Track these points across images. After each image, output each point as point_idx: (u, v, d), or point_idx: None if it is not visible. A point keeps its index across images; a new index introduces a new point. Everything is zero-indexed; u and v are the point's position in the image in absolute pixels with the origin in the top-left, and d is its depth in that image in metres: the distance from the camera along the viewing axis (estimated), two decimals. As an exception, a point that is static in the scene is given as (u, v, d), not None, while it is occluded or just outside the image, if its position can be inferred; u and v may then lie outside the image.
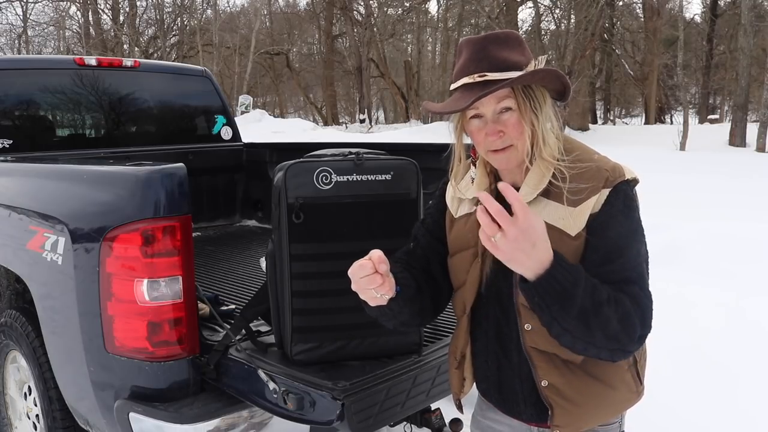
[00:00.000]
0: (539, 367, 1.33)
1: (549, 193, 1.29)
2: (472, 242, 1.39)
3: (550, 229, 1.25)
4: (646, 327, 1.23)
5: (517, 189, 1.33)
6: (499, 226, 1.04)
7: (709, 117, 26.58)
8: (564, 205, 1.27)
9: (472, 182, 1.41)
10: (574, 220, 1.26)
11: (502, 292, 1.37)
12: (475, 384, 1.52)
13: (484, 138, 1.30)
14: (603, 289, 1.18)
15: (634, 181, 1.31)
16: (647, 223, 1.32)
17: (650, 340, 1.30)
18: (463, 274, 1.42)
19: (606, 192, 1.26)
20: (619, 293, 1.20)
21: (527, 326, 1.32)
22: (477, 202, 1.38)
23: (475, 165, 1.42)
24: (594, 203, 1.25)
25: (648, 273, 1.29)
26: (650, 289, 1.28)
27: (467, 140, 1.41)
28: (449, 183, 1.49)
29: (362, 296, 1.28)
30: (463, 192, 1.44)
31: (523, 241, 1.05)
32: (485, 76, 1.27)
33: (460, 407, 1.58)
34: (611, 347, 1.20)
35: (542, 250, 1.09)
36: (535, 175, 1.31)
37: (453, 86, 1.33)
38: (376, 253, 1.24)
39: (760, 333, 3.59)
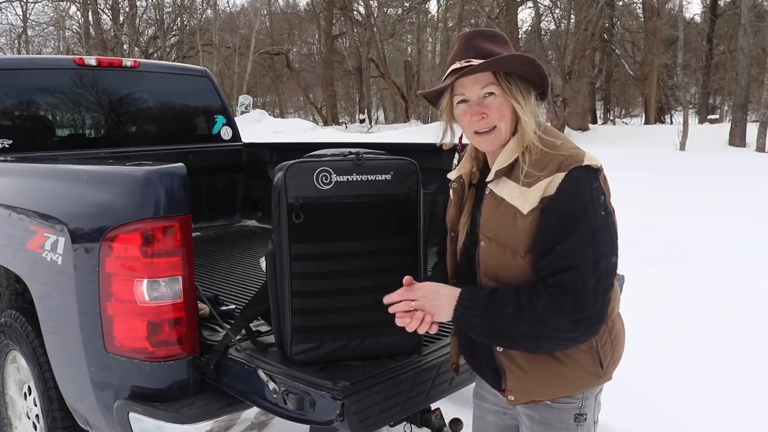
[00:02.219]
0: None
1: (511, 174, 1.43)
2: (450, 222, 1.59)
3: (507, 206, 1.42)
4: (581, 311, 1.32)
5: None
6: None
7: (709, 117, 26.57)
8: (519, 185, 1.39)
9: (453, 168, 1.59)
10: (526, 199, 1.38)
11: (472, 263, 1.50)
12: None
13: (470, 120, 1.44)
14: (514, 302, 1.35)
15: (596, 169, 1.38)
16: (648, 222, 1.32)
17: (650, 339, 1.31)
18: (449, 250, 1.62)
19: (560, 176, 1.35)
20: (542, 292, 1.33)
21: None
22: (451, 183, 1.58)
23: (459, 154, 1.59)
24: (547, 185, 1.36)
25: (603, 256, 1.34)
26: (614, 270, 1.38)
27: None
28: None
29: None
30: (450, 175, 1.61)
31: (432, 301, 1.41)
32: (470, 61, 1.42)
33: (456, 370, 1.72)
34: (553, 343, 1.38)
35: (448, 296, 1.41)
36: (503, 156, 1.44)
37: (445, 74, 1.47)
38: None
39: (761, 331, 3.60)
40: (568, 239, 1.33)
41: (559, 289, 1.32)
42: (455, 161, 1.60)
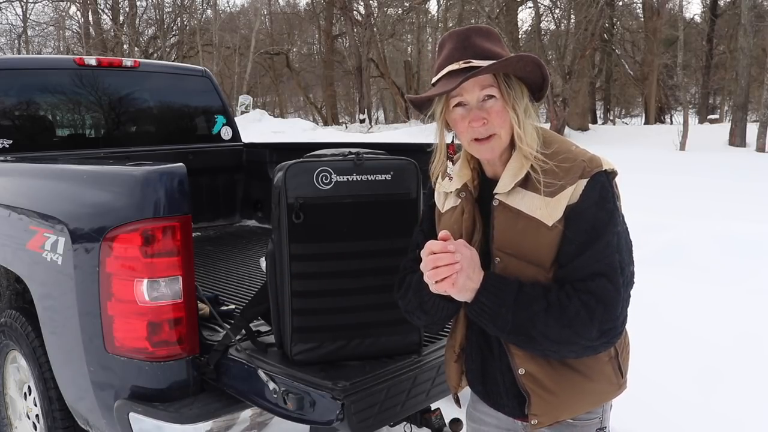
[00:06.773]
0: (516, 356, 1.35)
1: (527, 184, 1.32)
2: (457, 235, 1.40)
3: (528, 219, 1.30)
4: (610, 321, 1.25)
5: (498, 181, 1.36)
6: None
7: (709, 117, 26.55)
8: (541, 195, 1.29)
9: (450, 180, 1.44)
10: (550, 210, 1.28)
11: None
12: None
13: (468, 126, 1.32)
14: (542, 300, 1.24)
15: (613, 173, 1.33)
16: (648, 222, 1.32)
17: (651, 339, 1.30)
18: None
19: (583, 182, 1.28)
20: (572, 295, 1.24)
21: None
22: (458, 192, 1.43)
23: (453, 162, 1.44)
24: (571, 194, 1.28)
25: (626, 264, 1.30)
26: (634, 279, 1.32)
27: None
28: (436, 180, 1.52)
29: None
30: (445, 186, 1.46)
31: (468, 268, 1.23)
32: (470, 62, 1.29)
33: (457, 401, 1.59)
34: (570, 348, 1.27)
35: (478, 275, 1.25)
36: (514, 165, 1.33)
37: (437, 77, 1.35)
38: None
39: (761, 331, 3.59)
40: (597, 246, 1.26)
41: (591, 295, 1.24)
42: (449, 171, 1.44)
